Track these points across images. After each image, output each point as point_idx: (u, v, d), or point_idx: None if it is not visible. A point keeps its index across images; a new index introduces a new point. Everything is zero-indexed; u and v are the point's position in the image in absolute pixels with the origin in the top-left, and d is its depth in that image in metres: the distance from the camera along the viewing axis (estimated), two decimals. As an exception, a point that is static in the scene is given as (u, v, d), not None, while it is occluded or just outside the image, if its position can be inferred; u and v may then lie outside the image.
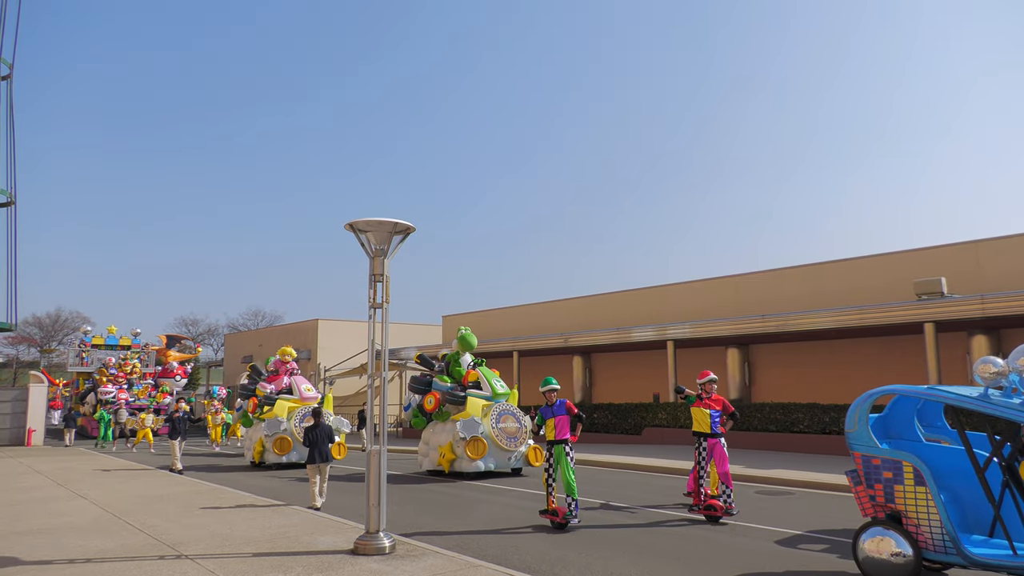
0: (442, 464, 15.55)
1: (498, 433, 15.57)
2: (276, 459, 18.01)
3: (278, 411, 18.77)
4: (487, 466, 15.35)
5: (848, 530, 8.73)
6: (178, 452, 17.33)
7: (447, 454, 15.43)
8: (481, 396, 16.27)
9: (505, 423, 15.84)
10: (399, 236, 8.32)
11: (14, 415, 28.61)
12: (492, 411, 15.85)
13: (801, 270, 24.18)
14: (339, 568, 7.04)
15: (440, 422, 16.40)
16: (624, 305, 29.29)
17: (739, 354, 23.94)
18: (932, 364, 17.93)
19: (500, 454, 15.56)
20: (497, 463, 15.53)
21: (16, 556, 7.83)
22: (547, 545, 8.43)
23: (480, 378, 16.65)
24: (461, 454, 15.28)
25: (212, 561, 7.43)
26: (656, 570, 7.25)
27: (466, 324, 36.66)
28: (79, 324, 76.45)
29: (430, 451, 16.28)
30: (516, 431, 15.89)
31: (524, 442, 15.95)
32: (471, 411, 15.78)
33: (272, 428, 18.18)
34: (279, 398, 19.28)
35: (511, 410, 16.20)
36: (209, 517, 10.26)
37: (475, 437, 15.20)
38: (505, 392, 16.66)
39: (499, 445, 15.48)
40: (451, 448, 15.44)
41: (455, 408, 16.21)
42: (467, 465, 15.22)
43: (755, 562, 7.50)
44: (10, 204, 23.91)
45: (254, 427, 19.44)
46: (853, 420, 6.71)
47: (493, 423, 15.66)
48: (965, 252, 20.25)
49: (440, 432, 16.11)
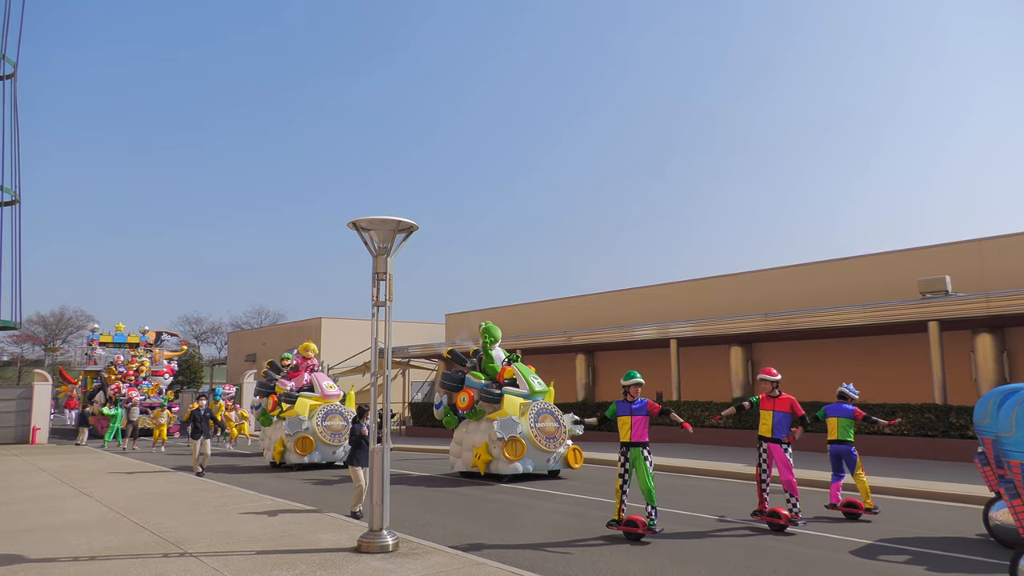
0: (477, 465, 14.70)
1: (536, 433, 14.75)
2: (298, 459, 17.24)
3: (299, 409, 18.00)
4: (525, 468, 14.51)
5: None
6: (198, 452, 16.32)
7: (482, 455, 14.58)
8: (518, 394, 15.43)
9: (544, 422, 14.99)
10: (402, 234, 8.32)
11: (19, 413, 28.69)
12: (530, 410, 15.03)
13: (804, 268, 24.13)
14: (342, 566, 7.05)
15: (474, 421, 15.52)
16: (627, 303, 29.26)
17: (742, 353, 23.90)
18: (936, 363, 17.88)
19: (539, 455, 14.75)
20: (535, 465, 14.70)
21: (21, 554, 7.86)
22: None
23: (516, 374, 15.76)
24: (498, 455, 14.43)
25: (216, 559, 7.45)
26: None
27: (469, 322, 36.75)
28: (83, 322, 76.69)
29: (463, 452, 15.47)
30: (555, 431, 15.04)
31: (563, 443, 15.11)
32: (508, 410, 14.95)
33: (294, 427, 17.37)
34: (300, 395, 18.56)
35: (549, 409, 15.36)
36: (213, 515, 10.28)
37: (513, 437, 14.40)
38: (543, 390, 15.82)
39: (538, 446, 14.67)
40: (487, 449, 14.60)
41: (490, 406, 15.38)
42: (504, 467, 14.39)
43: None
44: (15, 202, 23.96)
45: (274, 426, 18.70)
46: (1009, 423, 5.80)
47: (531, 422, 14.83)
48: (970, 250, 20.18)
49: (474, 432, 15.28)
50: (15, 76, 24.17)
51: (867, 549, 8.05)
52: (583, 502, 11.76)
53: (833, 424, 10.55)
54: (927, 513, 10.48)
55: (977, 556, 7.67)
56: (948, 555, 7.73)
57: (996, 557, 7.57)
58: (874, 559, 7.59)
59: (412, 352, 34.63)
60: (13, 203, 24.15)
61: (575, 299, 32.04)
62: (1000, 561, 7.35)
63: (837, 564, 7.36)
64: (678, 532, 9.08)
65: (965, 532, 9.01)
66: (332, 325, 42.83)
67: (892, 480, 13.10)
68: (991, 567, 7.19)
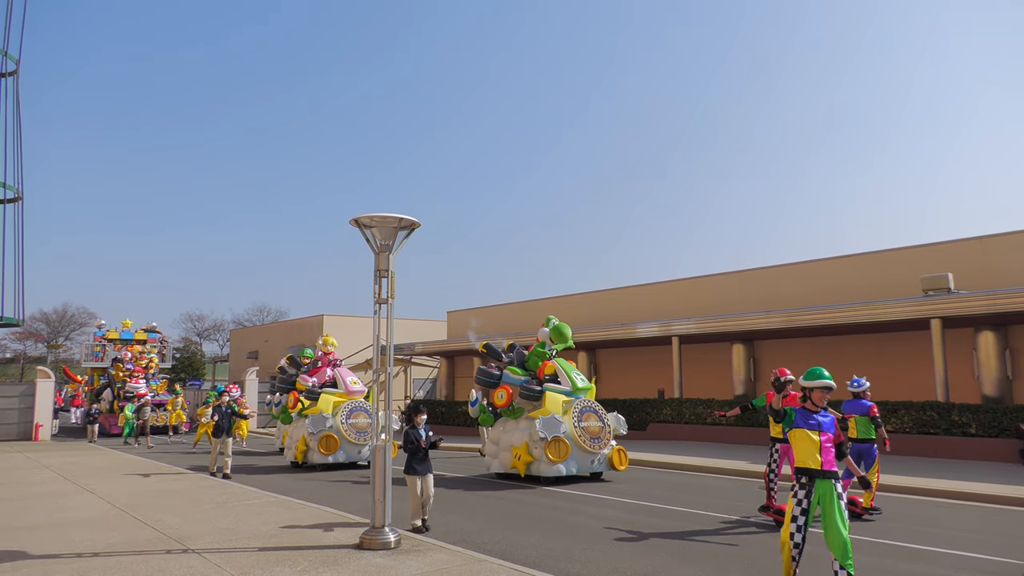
0: (516, 467, 13.84)
1: (581, 433, 13.84)
2: (322, 459, 16.40)
3: (322, 406, 17.22)
4: (568, 470, 13.57)
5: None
6: (219, 450, 15.43)
7: (523, 455, 13.71)
8: (560, 391, 14.48)
9: (588, 421, 14.08)
10: (404, 232, 8.32)
11: (21, 410, 28.79)
12: (573, 408, 14.13)
13: (807, 266, 24.11)
14: (344, 562, 7.06)
15: (512, 419, 14.64)
16: (629, 301, 29.26)
17: (744, 350, 23.90)
18: (939, 360, 17.87)
19: (583, 456, 13.83)
20: (579, 466, 13.78)
21: (24, 550, 7.88)
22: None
23: (557, 370, 14.82)
24: (540, 456, 13.53)
25: (218, 555, 7.46)
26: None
27: (471, 319, 36.80)
28: (85, 320, 76.94)
29: (500, 452, 14.62)
30: (599, 431, 14.09)
31: (607, 443, 14.17)
32: (550, 408, 14.04)
33: (317, 425, 16.55)
34: (323, 391, 17.69)
35: (593, 407, 14.40)
36: (216, 512, 10.29)
37: (556, 437, 13.48)
38: (586, 386, 14.86)
39: (582, 446, 13.76)
40: (527, 449, 13.74)
41: (529, 404, 14.49)
42: (547, 468, 13.46)
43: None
44: (17, 200, 24.01)
45: (295, 424, 17.89)
46: None
47: (575, 421, 13.91)
48: (972, 248, 20.15)
49: (512, 431, 14.42)
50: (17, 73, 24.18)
51: (871, 547, 8.04)
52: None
53: (853, 422, 10.34)
54: (928, 511, 10.49)
55: (989, 555, 7.66)
56: (955, 553, 7.72)
57: (1010, 556, 7.56)
58: (879, 557, 7.58)
59: (414, 349, 34.68)
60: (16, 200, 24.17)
61: (577, 296, 32.06)
62: (1013, 560, 7.36)
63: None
64: (682, 530, 9.09)
65: (971, 530, 9.01)
66: (334, 322, 42.85)
67: (895, 478, 13.10)
68: (1005, 568, 7.18)
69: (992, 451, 16.06)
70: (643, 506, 11.01)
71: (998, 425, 16.30)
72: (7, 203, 23.75)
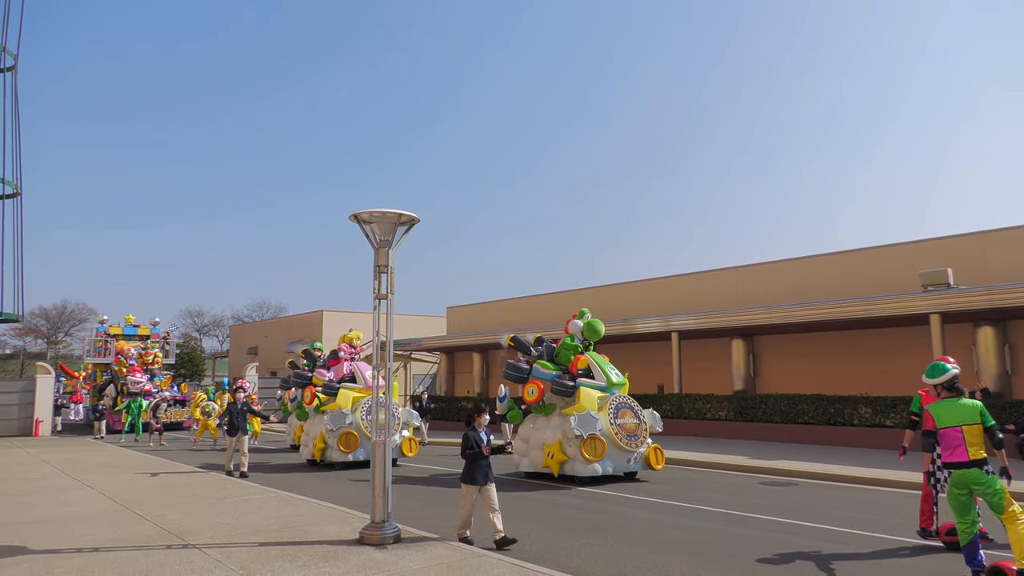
0: (549, 466, 13.18)
1: (617, 430, 13.24)
2: (341, 457, 15.79)
3: (341, 402, 16.54)
4: (604, 469, 12.94)
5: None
6: (233, 450, 15.00)
7: (556, 454, 13.07)
8: (594, 386, 13.85)
9: (624, 418, 13.50)
10: (403, 227, 8.31)
11: (22, 406, 28.82)
12: (609, 404, 13.52)
13: (806, 261, 24.09)
14: (344, 557, 7.08)
15: (542, 416, 14.00)
16: (629, 296, 29.25)
17: (744, 345, 23.90)
18: (938, 355, 17.87)
19: (619, 455, 13.22)
20: (615, 465, 13.16)
21: (25, 545, 7.89)
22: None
23: (591, 364, 14.16)
24: (575, 455, 12.91)
25: (218, 550, 7.47)
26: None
27: (470, 316, 36.82)
28: (85, 316, 76.92)
29: (531, 450, 13.96)
30: (636, 428, 13.50)
31: (644, 441, 13.58)
32: (585, 404, 13.39)
33: (336, 422, 15.95)
34: (342, 387, 17.01)
35: (629, 403, 13.83)
36: (216, 507, 10.31)
37: (593, 435, 12.84)
38: (620, 381, 14.23)
39: (619, 445, 13.15)
40: (560, 447, 13.12)
41: (561, 400, 13.93)
42: (582, 468, 12.82)
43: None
44: (16, 195, 23.95)
45: (312, 420, 17.20)
46: None
47: (611, 418, 13.34)
48: (972, 243, 20.14)
49: (544, 428, 13.72)
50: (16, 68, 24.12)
51: (872, 541, 8.07)
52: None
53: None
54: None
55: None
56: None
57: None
58: (887, 554, 7.58)
59: (415, 345, 34.66)
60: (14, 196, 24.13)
61: (576, 292, 32.04)
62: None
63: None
64: (684, 525, 9.11)
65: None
66: (334, 318, 42.89)
67: (893, 473, 13.14)
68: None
69: (991, 446, 16.06)
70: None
71: (998, 420, 16.30)
72: (6, 199, 23.71)
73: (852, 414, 18.91)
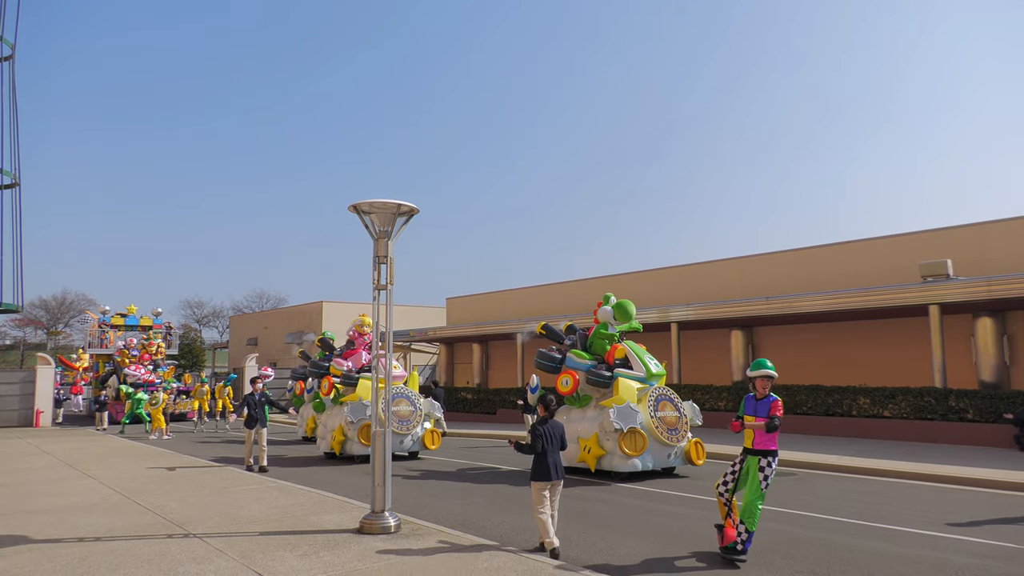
0: (585, 460, 12.41)
1: (657, 424, 12.47)
2: (362, 450, 15.01)
3: (361, 393, 15.86)
4: (644, 465, 12.21)
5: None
6: (252, 442, 14.33)
7: (592, 448, 12.29)
8: (633, 377, 13.04)
9: (664, 411, 12.72)
10: (403, 218, 8.30)
11: (22, 396, 28.88)
12: (648, 396, 12.76)
13: (806, 252, 24.10)
14: (345, 546, 7.12)
15: (577, 408, 13.32)
16: (627, 287, 29.20)
17: (743, 336, 23.94)
18: (937, 346, 17.92)
19: (659, 450, 12.44)
20: (655, 461, 12.38)
21: (26, 534, 7.94)
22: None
23: (628, 354, 13.32)
24: (613, 449, 12.16)
25: (220, 539, 7.52)
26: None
27: (469, 306, 36.85)
28: (85, 306, 76.92)
29: None
30: (676, 421, 12.75)
31: (684, 435, 12.80)
32: (623, 396, 12.59)
33: (357, 413, 15.23)
34: (361, 377, 16.32)
35: (669, 395, 13.08)
36: (217, 497, 10.36)
37: (633, 428, 12.09)
38: (660, 372, 13.43)
39: (659, 439, 12.36)
40: (597, 441, 12.32)
41: (598, 391, 13.18)
42: (621, 463, 12.10)
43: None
44: (14, 185, 23.94)
45: (330, 412, 16.67)
46: None
47: (651, 411, 12.56)
48: (971, 234, 20.15)
49: (579, 421, 12.94)
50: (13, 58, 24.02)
51: (866, 530, 8.11)
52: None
53: None
54: (927, 495, 10.56)
55: (987, 540, 7.72)
56: (958, 538, 7.79)
57: (1008, 541, 7.61)
58: (876, 541, 7.61)
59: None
60: (13, 186, 24.08)
61: (574, 283, 32.05)
62: (1011, 544, 7.40)
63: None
64: (678, 513, 9.14)
65: (973, 514, 9.07)
66: (333, 308, 42.87)
67: (892, 463, 13.18)
68: (1004, 551, 7.23)
69: (989, 437, 16.15)
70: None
71: (995, 411, 16.37)
72: (4, 189, 23.68)
73: (851, 404, 18.97)
